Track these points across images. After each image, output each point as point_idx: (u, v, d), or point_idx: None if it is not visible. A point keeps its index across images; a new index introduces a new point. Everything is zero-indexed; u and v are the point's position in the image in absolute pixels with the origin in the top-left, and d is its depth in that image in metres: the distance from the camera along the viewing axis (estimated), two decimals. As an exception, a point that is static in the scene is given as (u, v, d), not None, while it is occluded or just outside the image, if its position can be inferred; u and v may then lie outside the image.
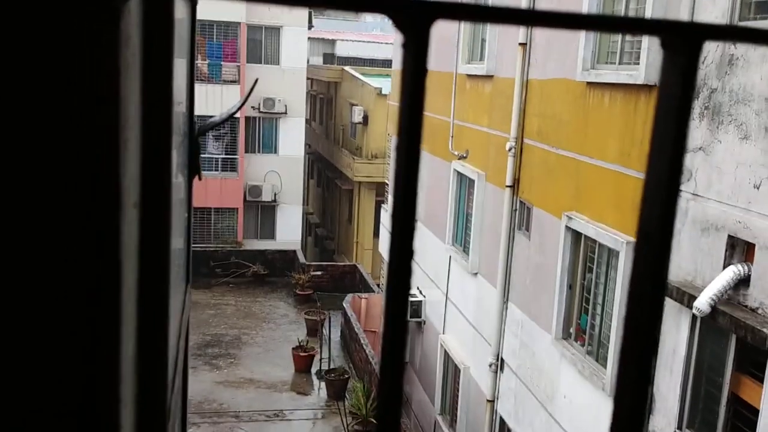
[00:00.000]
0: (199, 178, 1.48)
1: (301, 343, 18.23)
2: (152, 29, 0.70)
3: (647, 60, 7.42)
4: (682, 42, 0.44)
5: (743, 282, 6.14)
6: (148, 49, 0.70)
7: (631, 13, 8.08)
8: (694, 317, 6.62)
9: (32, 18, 0.47)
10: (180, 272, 1.41)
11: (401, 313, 0.45)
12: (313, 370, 18.00)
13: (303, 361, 17.99)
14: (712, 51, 6.59)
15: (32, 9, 0.47)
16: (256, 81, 3.11)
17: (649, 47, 7.42)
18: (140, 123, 0.68)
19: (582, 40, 8.69)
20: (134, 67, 0.58)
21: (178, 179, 1.39)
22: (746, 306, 6.10)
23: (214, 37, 25.58)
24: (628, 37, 8.18)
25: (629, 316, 0.48)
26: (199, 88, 24.75)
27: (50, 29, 0.47)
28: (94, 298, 0.52)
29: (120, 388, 0.58)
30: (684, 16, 6.89)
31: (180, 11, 1.30)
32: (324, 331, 18.71)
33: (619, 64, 8.24)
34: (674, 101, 0.45)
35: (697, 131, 6.74)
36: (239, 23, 25.43)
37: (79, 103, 0.49)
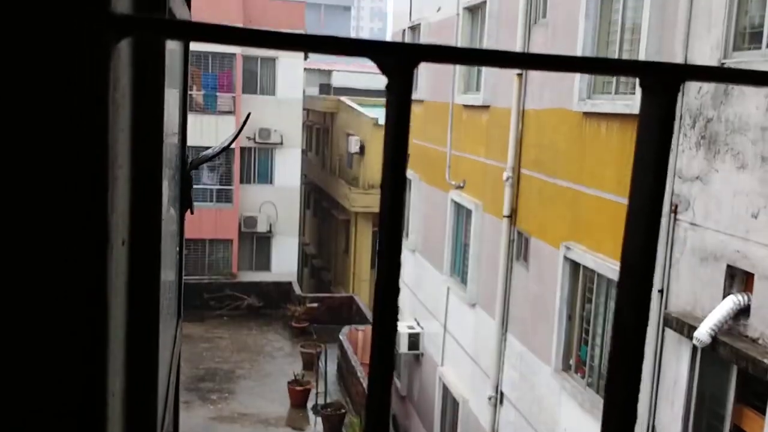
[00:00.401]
0: (191, 212, 1.44)
1: (297, 377, 18.03)
2: (143, 71, 0.68)
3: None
4: (660, 83, 0.44)
5: (743, 312, 6.09)
6: (139, 90, 0.67)
7: (627, 44, 8.15)
8: (694, 348, 6.56)
9: (23, 58, 0.47)
10: (171, 307, 1.37)
11: (389, 343, 0.44)
12: (309, 404, 17.78)
13: (299, 396, 17.77)
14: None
15: (24, 49, 0.47)
16: (248, 115, 3.11)
17: (644, 78, 7.46)
18: (130, 161, 0.65)
19: (577, 70, 8.74)
20: (124, 107, 0.56)
21: (169, 213, 1.35)
22: (747, 336, 6.04)
23: (210, 68, 25.76)
24: (622, 68, 8.23)
25: (615, 347, 0.48)
26: (194, 118, 24.87)
27: (41, 70, 0.47)
28: (79, 335, 0.49)
29: (107, 424, 0.57)
30: (678, 46, 6.94)
31: (172, 43, 1.28)
32: (320, 364, 18.52)
33: (615, 93, 8.28)
34: (653, 142, 0.46)
35: (694, 161, 6.75)
36: (235, 54, 25.63)
37: (68, 143, 0.46)
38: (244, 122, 2.43)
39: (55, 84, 0.46)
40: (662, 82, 0.46)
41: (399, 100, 0.43)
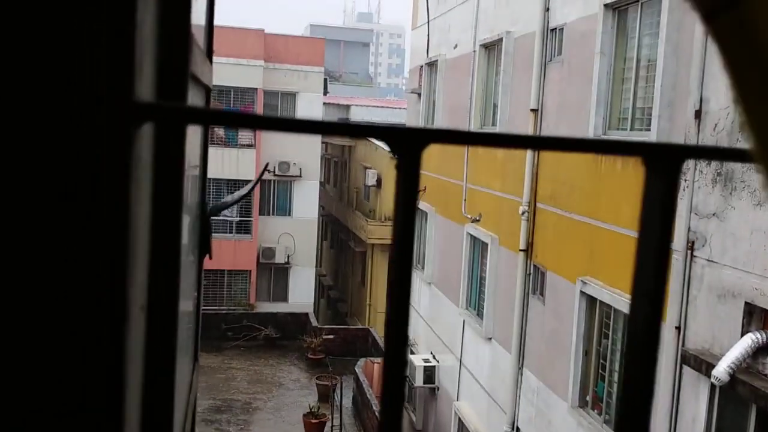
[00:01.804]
0: (210, 258, 1.50)
1: (312, 409, 17.93)
2: (166, 146, 0.73)
3: (659, 125, 7.48)
4: (662, 163, 0.46)
5: (762, 350, 6.02)
6: (161, 164, 0.72)
7: (642, 81, 8.19)
8: (713, 386, 6.48)
9: (51, 136, 0.50)
10: (188, 352, 1.42)
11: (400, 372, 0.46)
12: (325, 436, 17.64)
13: (314, 428, 17.65)
14: (723, 118, 6.64)
15: (52, 127, 0.51)
16: (267, 166, 3.18)
17: (660, 114, 7.49)
18: (150, 231, 0.70)
19: (594, 105, 8.80)
20: (145, 182, 0.61)
21: (188, 259, 1.41)
22: (766, 375, 5.97)
23: (231, 102, 26.11)
24: (639, 103, 8.28)
25: (626, 379, 0.50)
26: (215, 151, 25.16)
27: (67, 150, 0.51)
28: (96, 402, 0.53)
29: None
30: (694, 83, 6.96)
31: (195, 101, 1.34)
32: (336, 396, 18.42)
33: (631, 129, 8.31)
34: (656, 221, 0.47)
35: (710, 197, 6.74)
36: (256, 89, 25.98)
37: (88, 219, 0.51)
38: (263, 172, 2.50)
39: (79, 170, 0.51)
40: (665, 162, 0.47)
41: (407, 180, 0.46)
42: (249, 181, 25.98)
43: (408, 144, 0.46)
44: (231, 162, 24.92)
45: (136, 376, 0.63)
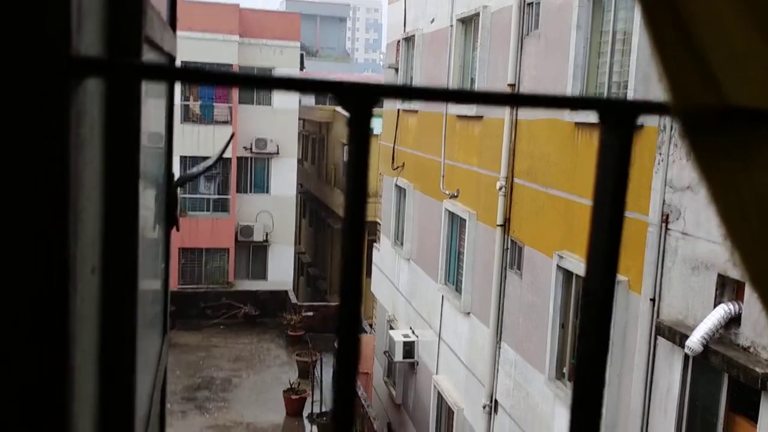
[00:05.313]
0: (177, 229, 1.48)
1: (293, 386, 18.01)
2: (116, 102, 0.71)
3: (634, 99, 7.50)
4: (617, 118, 0.47)
5: (734, 321, 6.13)
6: (112, 122, 0.70)
7: (618, 54, 8.21)
8: (686, 357, 6.59)
9: None
10: (156, 323, 1.40)
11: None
12: (305, 413, 17.75)
13: (295, 404, 17.75)
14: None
15: None
16: (233, 135, 3.16)
17: (635, 87, 7.52)
18: (102, 192, 0.68)
19: (570, 78, 8.81)
20: (91, 141, 0.59)
21: (155, 231, 1.38)
22: (738, 345, 6.08)
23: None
24: (615, 77, 8.30)
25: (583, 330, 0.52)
26: (191, 128, 24.88)
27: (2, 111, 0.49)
28: (41, 373, 0.51)
29: None
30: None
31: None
32: (316, 372, 18.51)
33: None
34: (611, 175, 0.47)
35: (685, 170, 6.80)
36: (231, 65, 25.69)
37: (26, 175, 0.49)
38: (228, 141, 2.47)
39: (15, 123, 0.49)
40: (620, 118, 0.48)
41: (359, 135, 0.46)
42: (227, 159, 25.79)
43: (358, 99, 0.45)
44: (207, 139, 24.69)
45: (89, 340, 0.61)
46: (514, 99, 0.53)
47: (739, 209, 0.51)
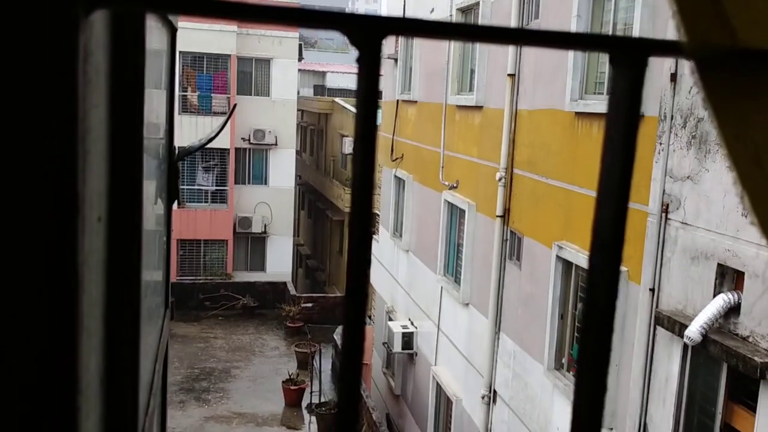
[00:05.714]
0: (179, 204, 1.46)
1: (292, 377, 18.04)
2: (122, 48, 0.69)
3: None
4: (628, 57, 0.45)
5: (733, 310, 6.13)
6: (118, 67, 0.69)
7: (620, 23, 8.19)
8: (685, 346, 6.60)
9: None
10: (158, 296, 1.39)
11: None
12: (304, 403, 17.78)
13: (293, 395, 17.77)
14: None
15: None
16: (235, 106, 3.13)
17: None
18: (108, 138, 0.66)
19: (570, 70, 8.78)
20: (98, 83, 0.57)
21: (156, 204, 1.37)
22: (737, 334, 6.08)
23: (204, 69, 25.73)
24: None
25: (585, 324, 0.50)
26: (189, 119, 24.83)
27: (4, 44, 0.48)
28: (50, 310, 0.50)
29: (78, 398, 0.57)
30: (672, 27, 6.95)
31: (159, 42, 1.29)
32: (315, 363, 18.53)
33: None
34: (622, 115, 0.46)
35: (685, 160, 6.78)
36: (229, 55, 25.61)
37: (33, 112, 0.48)
38: (231, 111, 2.45)
39: (20, 57, 0.48)
40: (631, 57, 0.46)
41: (368, 72, 0.45)
42: (225, 150, 25.76)
43: (367, 33, 0.44)
44: (205, 130, 24.60)
45: (97, 287, 0.60)
46: (522, 35, 0.51)
47: (751, 152, 0.50)
